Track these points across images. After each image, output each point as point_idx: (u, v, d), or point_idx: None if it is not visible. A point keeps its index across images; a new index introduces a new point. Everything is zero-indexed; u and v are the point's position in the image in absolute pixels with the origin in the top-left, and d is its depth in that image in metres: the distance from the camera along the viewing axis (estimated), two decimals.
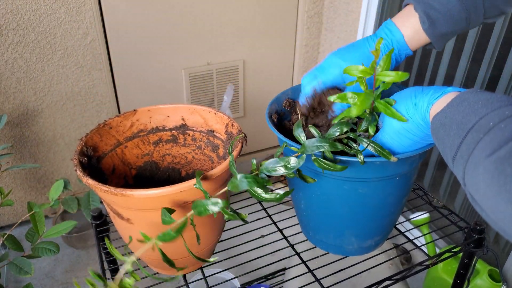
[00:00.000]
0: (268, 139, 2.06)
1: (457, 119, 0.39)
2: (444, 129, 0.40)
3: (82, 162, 0.57)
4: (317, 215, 0.63)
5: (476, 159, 0.35)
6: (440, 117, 0.41)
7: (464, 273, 0.83)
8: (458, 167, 0.37)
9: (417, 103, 0.47)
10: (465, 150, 0.36)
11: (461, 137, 0.37)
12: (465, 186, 0.37)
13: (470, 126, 0.37)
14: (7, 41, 1.34)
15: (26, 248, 1.01)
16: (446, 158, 0.41)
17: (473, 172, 0.35)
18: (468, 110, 0.38)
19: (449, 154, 0.39)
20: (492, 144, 0.34)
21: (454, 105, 0.40)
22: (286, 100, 0.68)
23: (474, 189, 0.35)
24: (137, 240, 0.60)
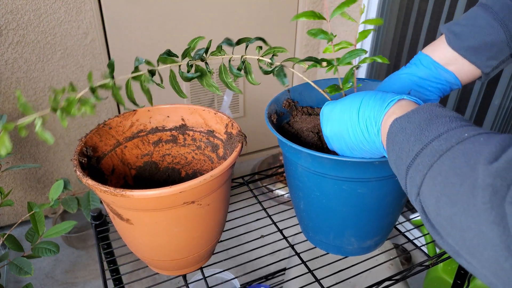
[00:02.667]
0: (268, 139, 2.06)
1: (422, 126, 0.37)
2: (404, 134, 0.38)
3: (82, 163, 0.57)
4: (316, 215, 0.63)
5: (442, 167, 0.32)
6: (402, 121, 0.39)
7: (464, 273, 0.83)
8: (415, 174, 0.35)
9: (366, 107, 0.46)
10: (429, 156, 0.34)
11: (424, 143, 0.35)
12: (417, 196, 0.35)
13: (437, 133, 0.35)
14: (7, 41, 1.34)
15: (26, 248, 1.01)
16: (397, 164, 0.38)
17: (434, 180, 0.33)
18: (437, 121, 0.36)
19: (404, 160, 0.37)
20: (468, 155, 0.31)
21: (421, 112, 0.38)
22: (286, 101, 0.68)
23: (432, 200, 0.33)
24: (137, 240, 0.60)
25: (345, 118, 0.49)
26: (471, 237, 0.29)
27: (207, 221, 0.59)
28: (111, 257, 0.76)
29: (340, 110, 0.50)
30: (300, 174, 0.60)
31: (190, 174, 0.73)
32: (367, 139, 0.46)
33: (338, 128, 0.50)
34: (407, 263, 1.50)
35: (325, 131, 0.53)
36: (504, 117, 1.25)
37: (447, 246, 0.33)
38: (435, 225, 0.33)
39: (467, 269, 0.32)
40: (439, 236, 0.33)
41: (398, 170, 0.39)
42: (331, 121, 0.51)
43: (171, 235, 0.56)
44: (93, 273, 1.49)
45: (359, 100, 0.48)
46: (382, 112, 0.44)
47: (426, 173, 0.34)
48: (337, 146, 0.52)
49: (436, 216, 0.33)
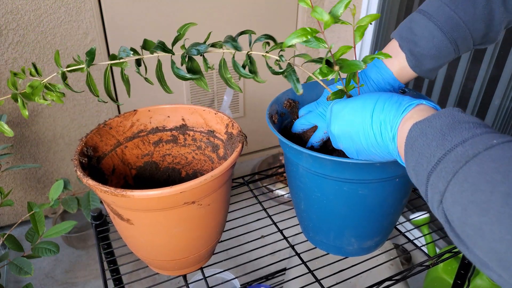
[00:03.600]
0: (268, 139, 2.06)
1: (444, 131, 0.35)
2: (425, 139, 0.36)
3: (82, 163, 0.57)
4: (317, 216, 0.63)
5: (469, 174, 0.31)
6: (422, 126, 0.38)
7: (464, 273, 0.83)
8: (438, 181, 0.33)
9: (381, 111, 0.45)
10: (453, 162, 0.33)
11: (446, 149, 0.34)
12: (440, 204, 0.33)
13: (461, 139, 0.34)
14: (7, 41, 1.34)
15: (26, 248, 1.01)
16: (416, 170, 0.37)
17: (460, 187, 0.31)
18: (460, 126, 0.35)
19: (425, 166, 0.35)
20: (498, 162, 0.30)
21: (442, 117, 0.37)
22: (287, 101, 0.68)
23: (458, 208, 0.31)
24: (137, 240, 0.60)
25: (356, 120, 0.47)
26: (504, 249, 0.27)
27: (207, 221, 0.59)
28: (111, 257, 0.76)
29: (351, 110, 0.48)
30: (301, 175, 0.60)
31: (190, 174, 0.73)
32: (379, 143, 0.45)
33: (348, 128, 0.48)
34: (407, 263, 1.50)
35: (333, 129, 0.51)
36: (504, 117, 1.25)
37: (474, 257, 0.31)
38: (461, 234, 0.32)
39: (497, 282, 0.30)
40: (464, 247, 0.32)
41: (417, 177, 0.37)
42: (341, 120, 0.50)
43: (171, 235, 0.56)
44: (93, 273, 1.49)
45: (373, 102, 0.46)
46: (399, 117, 0.42)
47: (451, 179, 0.32)
48: (344, 146, 0.51)
49: (462, 225, 0.31)
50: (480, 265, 0.31)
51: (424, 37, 0.54)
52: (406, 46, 0.56)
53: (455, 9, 0.52)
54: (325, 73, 0.50)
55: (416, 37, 0.55)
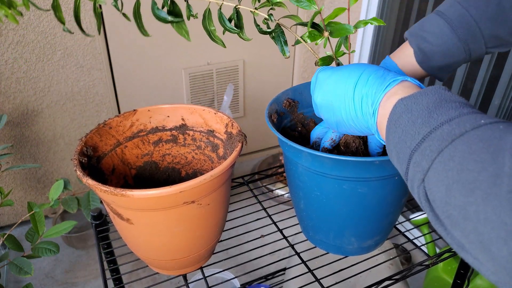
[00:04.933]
0: (268, 139, 2.07)
1: (430, 108, 0.34)
2: (410, 115, 0.35)
3: (82, 162, 0.57)
4: (316, 215, 0.63)
5: (456, 153, 0.30)
6: (408, 102, 0.36)
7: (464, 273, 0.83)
8: (421, 159, 0.33)
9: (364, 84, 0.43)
10: (438, 140, 0.32)
11: (432, 126, 0.33)
12: (421, 183, 0.32)
13: (448, 117, 0.33)
14: (7, 41, 1.34)
15: (26, 248, 1.01)
16: (399, 148, 0.36)
17: (445, 166, 0.30)
18: (447, 105, 0.34)
19: (408, 143, 0.34)
20: (487, 142, 0.29)
21: (429, 94, 0.36)
22: (286, 100, 0.68)
23: (441, 187, 0.30)
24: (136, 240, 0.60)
25: (339, 90, 0.46)
26: (488, 229, 0.27)
27: (207, 221, 0.59)
28: (111, 257, 0.76)
29: (335, 80, 0.47)
30: (301, 174, 0.60)
31: (190, 174, 0.73)
32: (358, 117, 0.44)
33: (330, 98, 0.47)
34: (407, 262, 1.50)
35: (316, 98, 0.50)
36: (504, 117, 1.25)
37: (450, 239, 0.31)
38: (440, 215, 0.31)
39: (471, 264, 0.30)
40: (442, 228, 0.31)
41: (398, 154, 0.36)
42: (324, 89, 0.48)
43: (171, 235, 0.56)
44: (93, 273, 1.49)
45: (358, 73, 0.45)
46: (381, 92, 0.41)
47: (435, 158, 0.31)
48: (324, 115, 0.50)
49: (444, 205, 0.30)
50: (457, 247, 0.30)
51: (433, 33, 0.54)
52: (414, 41, 0.55)
53: (467, 6, 0.52)
54: (313, 36, 0.48)
55: (425, 33, 0.54)
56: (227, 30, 0.49)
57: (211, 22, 0.50)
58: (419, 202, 0.33)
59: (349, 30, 0.47)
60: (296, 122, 0.70)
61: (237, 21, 0.50)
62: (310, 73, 1.96)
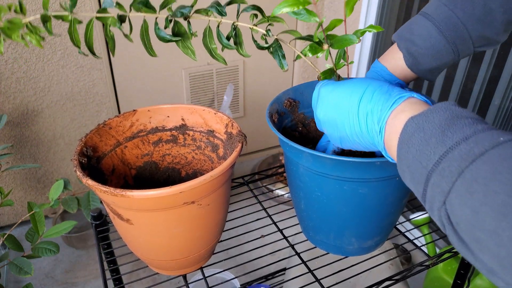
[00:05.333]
0: (268, 139, 2.06)
1: (443, 126, 0.33)
2: (423, 135, 0.34)
3: (82, 163, 0.57)
4: (317, 215, 0.63)
5: (479, 174, 0.29)
6: (419, 121, 0.35)
7: (464, 273, 0.83)
8: (441, 181, 0.31)
9: (369, 100, 0.42)
10: (457, 160, 0.30)
11: (447, 146, 0.32)
12: (442, 205, 0.31)
13: (463, 136, 0.31)
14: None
15: (26, 248, 1.01)
16: (413, 169, 0.35)
17: (469, 188, 0.29)
18: (459, 122, 0.33)
19: (424, 163, 0.33)
20: (508, 161, 0.28)
21: (440, 111, 0.35)
22: (287, 100, 0.68)
23: (467, 211, 0.29)
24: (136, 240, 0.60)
25: (343, 106, 0.45)
26: None
27: (207, 221, 0.59)
28: (111, 257, 0.76)
29: (338, 95, 0.46)
30: (301, 174, 0.60)
31: (190, 174, 0.73)
32: (364, 134, 0.43)
33: (333, 114, 0.47)
34: (407, 263, 1.50)
35: (318, 113, 0.50)
36: (504, 117, 1.25)
37: (479, 264, 0.29)
38: (466, 238, 0.29)
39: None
40: (468, 252, 0.30)
41: (413, 175, 0.35)
42: (327, 105, 0.48)
43: (171, 235, 0.56)
44: (93, 273, 1.49)
45: (361, 89, 0.44)
46: (387, 109, 0.40)
47: (456, 179, 0.30)
48: (328, 131, 0.49)
49: (470, 229, 0.29)
50: (486, 271, 0.29)
51: (421, 35, 0.54)
52: (403, 45, 0.55)
53: (453, 8, 0.52)
54: (314, 49, 0.47)
55: (414, 36, 0.54)
56: (225, 46, 0.50)
57: (212, 40, 0.50)
58: (441, 225, 0.32)
59: (353, 41, 0.46)
60: (297, 122, 0.70)
61: (235, 38, 0.50)
62: (310, 73, 1.96)
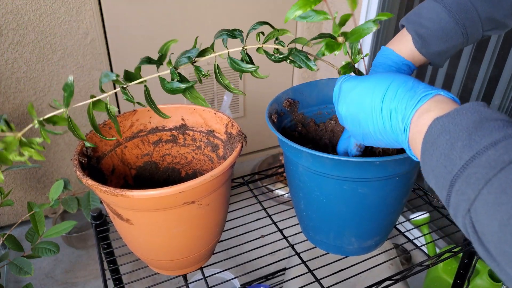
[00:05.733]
0: (268, 139, 2.06)
1: (470, 129, 0.31)
2: (449, 137, 0.32)
3: (82, 163, 0.57)
4: (317, 215, 0.63)
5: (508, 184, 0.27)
6: (445, 122, 0.33)
7: (464, 273, 0.83)
8: (466, 187, 0.30)
9: (393, 97, 0.41)
10: (485, 167, 0.29)
11: (475, 151, 0.30)
12: (467, 213, 0.29)
13: (492, 140, 0.30)
14: (7, 41, 1.34)
15: (26, 248, 1.01)
16: (437, 172, 0.33)
17: (497, 198, 0.27)
18: (488, 124, 0.31)
19: (449, 168, 0.32)
20: None
21: (467, 113, 0.33)
22: (287, 100, 0.68)
23: (494, 222, 0.27)
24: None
25: (365, 103, 0.43)
26: None
27: (207, 221, 0.59)
28: (111, 257, 0.76)
29: (361, 92, 0.45)
30: (301, 174, 0.60)
31: (190, 174, 0.73)
32: (388, 132, 0.42)
33: (356, 111, 0.45)
34: (407, 263, 1.50)
35: (341, 109, 0.48)
36: None
37: (504, 275, 0.28)
38: (492, 250, 0.28)
39: None
40: (494, 263, 0.28)
41: (437, 179, 0.33)
42: (349, 101, 0.46)
43: (171, 235, 0.56)
44: (93, 273, 1.49)
45: (385, 85, 0.42)
46: (412, 107, 0.39)
47: (483, 188, 0.28)
48: (350, 127, 0.48)
49: (497, 242, 0.27)
50: (511, 283, 0.28)
51: (430, 18, 0.53)
52: (412, 27, 0.54)
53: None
54: (331, 47, 0.45)
55: (423, 19, 0.54)
56: (244, 71, 0.49)
57: (223, 76, 0.50)
58: (465, 232, 0.31)
59: (370, 28, 0.44)
60: (297, 122, 0.70)
61: (248, 60, 0.50)
62: (310, 73, 1.96)
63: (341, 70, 0.51)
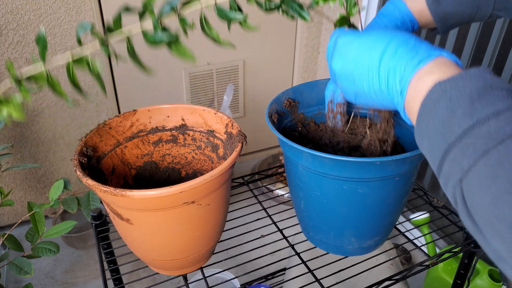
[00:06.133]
0: (268, 139, 2.06)
1: (473, 97, 0.30)
2: (449, 103, 0.31)
3: (82, 163, 0.57)
4: (317, 215, 0.63)
5: (507, 158, 0.26)
6: (447, 87, 0.32)
7: (464, 273, 0.83)
8: (461, 157, 0.29)
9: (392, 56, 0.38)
10: (484, 138, 0.27)
11: (475, 119, 0.28)
12: (459, 183, 0.29)
13: (495, 110, 0.28)
14: (7, 41, 1.34)
15: (26, 248, 1.01)
16: (433, 139, 0.32)
17: (493, 172, 0.26)
18: (492, 93, 0.29)
19: (446, 136, 0.30)
20: None
21: (472, 79, 0.31)
22: (287, 100, 0.68)
23: (486, 197, 0.26)
24: None
25: (362, 61, 0.41)
26: None
27: (207, 221, 0.59)
28: (111, 257, 0.76)
29: (358, 48, 0.42)
30: (301, 174, 0.60)
31: (190, 174, 0.73)
32: (383, 92, 0.40)
33: (351, 68, 0.43)
34: (407, 263, 1.50)
35: (335, 65, 0.45)
36: None
37: (488, 247, 0.28)
38: (479, 222, 0.27)
39: (508, 275, 0.27)
40: (480, 235, 0.28)
41: (431, 145, 0.32)
42: (344, 57, 0.44)
43: (171, 235, 0.56)
44: (93, 273, 1.49)
45: (384, 42, 0.40)
46: (412, 69, 0.36)
47: (479, 158, 0.27)
48: (343, 85, 0.46)
49: (487, 215, 0.26)
50: (495, 257, 0.27)
51: None
52: None
53: None
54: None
55: None
56: (232, 19, 0.45)
57: (210, 27, 0.46)
58: (453, 202, 0.30)
59: None
60: (297, 122, 0.70)
61: (237, 8, 0.46)
62: (310, 73, 1.96)
63: (337, 23, 0.49)
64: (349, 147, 0.68)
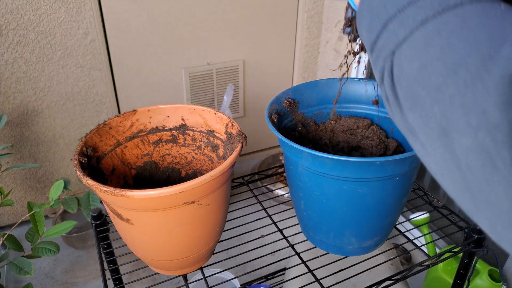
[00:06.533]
0: (268, 139, 2.06)
1: None
2: None
3: (82, 163, 0.57)
4: (317, 215, 0.63)
5: (444, 28, 0.25)
6: None
7: (464, 273, 0.83)
8: (399, 28, 0.28)
9: None
10: (425, 9, 0.27)
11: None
12: (391, 55, 0.28)
13: None
14: (7, 41, 1.34)
15: (26, 248, 1.01)
16: (376, 11, 0.31)
17: (428, 40, 0.26)
18: None
19: (389, 7, 0.29)
20: (482, 17, 0.25)
21: None
22: (287, 100, 0.68)
23: (415, 64, 0.26)
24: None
25: None
26: (458, 115, 0.23)
27: (207, 221, 0.59)
28: (111, 257, 0.76)
29: None
30: (301, 174, 0.60)
31: (190, 174, 0.73)
32: None
33: None
34: (407, 263, 1.50)
35: None
36: None
37: (403, 122, 0.28)
38: (400, 94, 0.27)
39: (417, 152, 0.27)
40: (398, 109, 0.28)
41: (372, 20, 0.31)
42: None
43: (171, 235, 0.56)
44: (93, 273, 1.49)
45: None
46: None
47: (417, 28, 0.27)
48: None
49: (411, 84, 0.26)
50: (407, 131, 0.28)
51: None
52: None
53: None
54: None
55: None
56: None
57: None
58: (379, 77, 0.30)
59: None
60: (297, 122, 0.70)
61: None
62: (310, 73, 1.96)
63: None
64: (349, 147, 0.69)
